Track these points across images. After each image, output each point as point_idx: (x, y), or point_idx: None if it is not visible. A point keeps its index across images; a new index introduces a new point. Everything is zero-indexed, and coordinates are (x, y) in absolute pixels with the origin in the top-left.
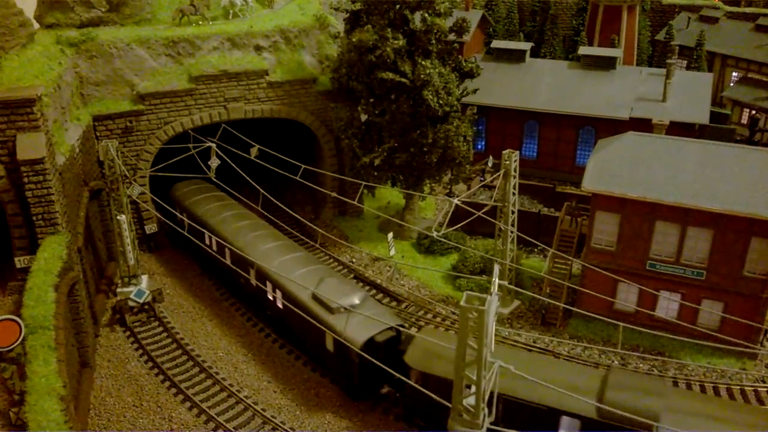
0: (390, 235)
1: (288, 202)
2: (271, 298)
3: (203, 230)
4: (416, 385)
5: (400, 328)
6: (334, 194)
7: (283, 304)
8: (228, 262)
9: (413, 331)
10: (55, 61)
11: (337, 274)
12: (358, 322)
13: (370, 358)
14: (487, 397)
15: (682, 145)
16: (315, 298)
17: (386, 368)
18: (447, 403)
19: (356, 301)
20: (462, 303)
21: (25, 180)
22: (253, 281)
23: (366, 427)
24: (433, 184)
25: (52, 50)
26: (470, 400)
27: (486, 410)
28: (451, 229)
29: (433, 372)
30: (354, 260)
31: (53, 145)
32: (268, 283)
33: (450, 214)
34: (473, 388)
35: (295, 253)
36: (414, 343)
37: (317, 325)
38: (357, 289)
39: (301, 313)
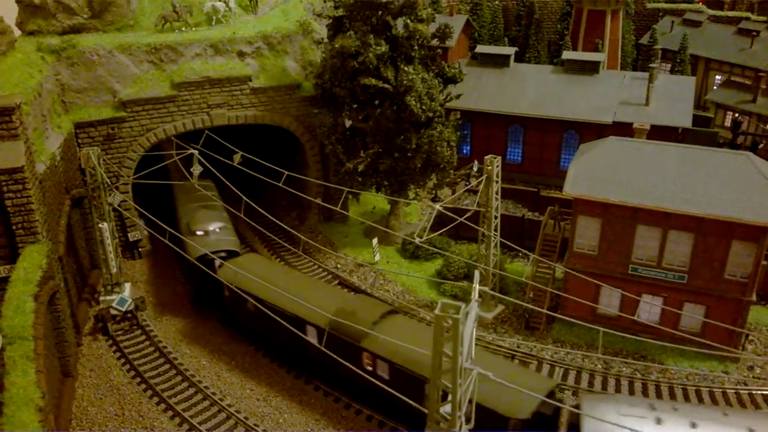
0: (375, 240)
1: (274, 208)
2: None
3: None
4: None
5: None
6: (318, 200)
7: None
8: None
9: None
10: (35, 68)
11: (221, 210)
12: (205, 243)
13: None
14: (464, 406)
15: (663, 149)
16: (187, 224)
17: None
18: (255, 302)
19: (211, 228)
20: (437, 311)
21: (4, 189)
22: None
23: None
24: (418, 190)
25: (32, 58)
26: (447, 408)
27: (463, 418)
28: (435, 234)
29: (235, 285)
30: (339, 266)
31: (33, 154)
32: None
33: (433, 219)
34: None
35: (203, 202)
36: (229, 262)
37: (186, 242)
38: (221, 221)
39: (178, 235)
